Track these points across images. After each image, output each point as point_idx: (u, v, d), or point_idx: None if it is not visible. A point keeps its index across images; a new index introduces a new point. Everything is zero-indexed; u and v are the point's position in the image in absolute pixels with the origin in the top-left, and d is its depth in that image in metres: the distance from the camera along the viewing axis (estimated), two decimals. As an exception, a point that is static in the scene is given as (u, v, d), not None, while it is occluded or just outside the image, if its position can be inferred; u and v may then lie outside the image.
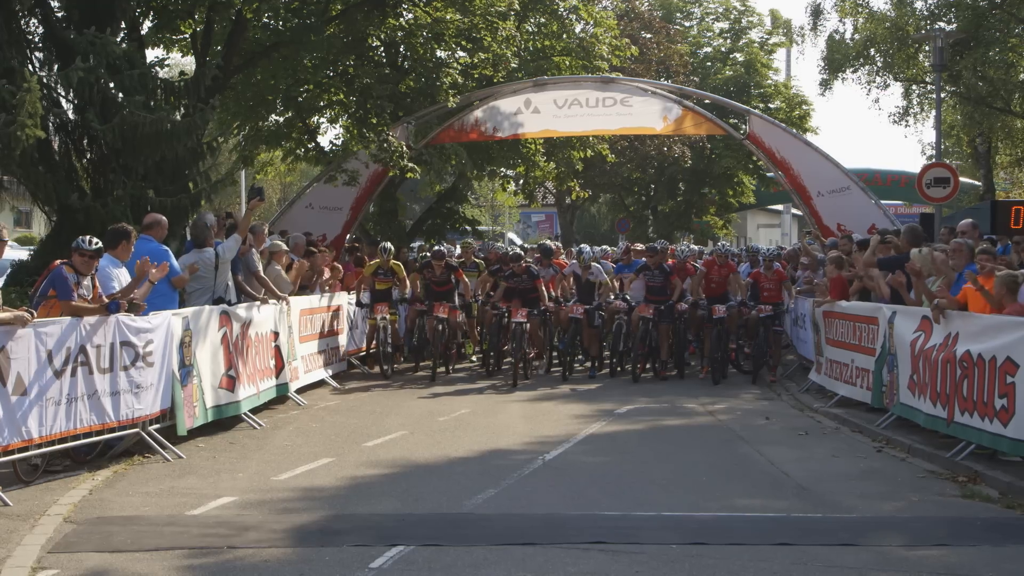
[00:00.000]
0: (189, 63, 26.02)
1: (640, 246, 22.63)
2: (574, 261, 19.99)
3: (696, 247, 23.44)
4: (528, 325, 17.72)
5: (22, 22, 16.30)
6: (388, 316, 18.06)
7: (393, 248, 19.00)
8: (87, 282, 10.40)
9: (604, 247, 22.85)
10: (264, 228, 15.41)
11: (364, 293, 18.63)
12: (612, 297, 19.06)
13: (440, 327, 17.89)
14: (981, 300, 10.91)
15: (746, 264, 21.40)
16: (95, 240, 10.51)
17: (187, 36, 20.82)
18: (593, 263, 19.20)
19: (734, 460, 11.31)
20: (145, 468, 10.66)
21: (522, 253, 19.58)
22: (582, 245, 22.00)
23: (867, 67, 33.42)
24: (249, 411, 13.24)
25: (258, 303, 13.94)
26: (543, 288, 18.19)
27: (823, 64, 34.31)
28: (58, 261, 10.41)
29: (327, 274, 17.81)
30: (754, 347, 18.28)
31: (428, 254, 19.69)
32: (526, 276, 18.10)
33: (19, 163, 14.46)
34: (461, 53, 25.33)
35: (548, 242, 21.17)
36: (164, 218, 12.76)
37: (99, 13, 15.96)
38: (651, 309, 17.83)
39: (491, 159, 28.84)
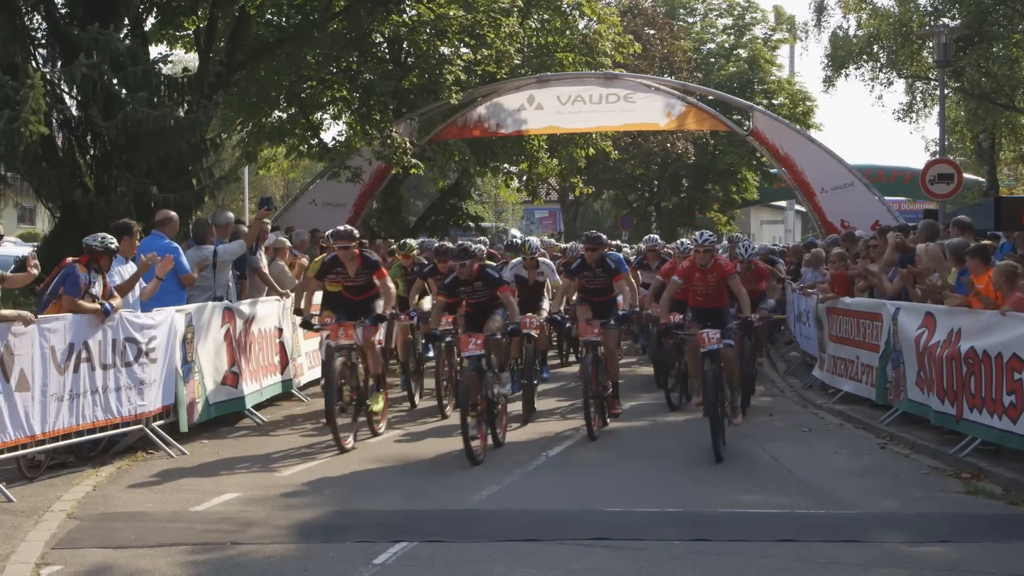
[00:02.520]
0: (192, 59, 26.06)
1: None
2: (515, 261, 15.09)
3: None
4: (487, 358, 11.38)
5: (26, 19, 16.31)
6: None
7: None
8: (99, 280, 10.39)
9: (616, 242, 21.71)
10: (267, 225, 15.39)
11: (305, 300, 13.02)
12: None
13: (352, 361, 11.72)
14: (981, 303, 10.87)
15: (724, 256, 19.02)
16: (112, 238, 10.54)
17: (190, 32, 20.87)
18: (541, 259, 14.88)
19: (737, 456, 11.29)
20: (148, 464, 10.67)
21: (472, 247, 13.10)
22: (529, 237, 17.44)
23: (870, 63, 33.42)
24: (252, 407, 13.24)
25: (261, 299, 13.94)
26: (512, 299, 12.05)
27: (826, 60, 34.33)
28: (69, 259, 10.39)
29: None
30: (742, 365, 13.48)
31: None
32: (481, 284, 11.88)
33: (23, 159, 14.47)
34: (464, 50, 25.35)
35: (469, 242, 15.52)
36: (176, 215, 12.77)
37: (103, 9, 15.96)
38: (596, 328, 12.36)
39: (494, 155, 28.90)
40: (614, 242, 22.24)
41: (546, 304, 14.34)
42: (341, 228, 12.52)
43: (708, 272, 11.90)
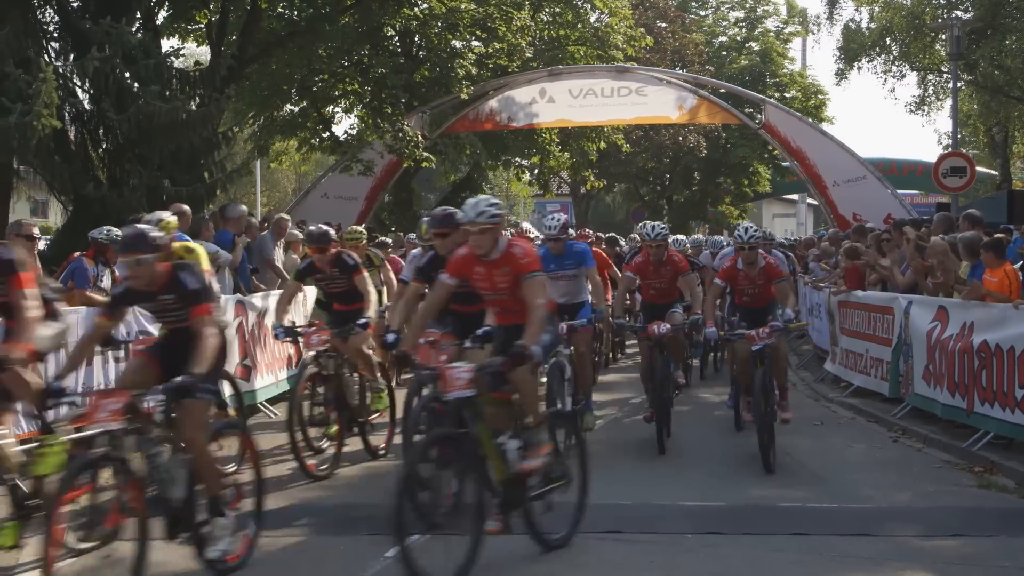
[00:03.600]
0: (204, 53, 26.07)
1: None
2: (414, 252, 11.80)
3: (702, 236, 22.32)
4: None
5: (38, 12, 16.36)
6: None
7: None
8: (107, 273, 10.44)
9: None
10: (287, 221, 15.42)
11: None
12: None
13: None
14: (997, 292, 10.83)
15: (729, 248, 15.22)
16: (116, 231, 10.58)
17: (202, 26, 20.92)
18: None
19: (748, 449, 11.26)
20: (161, 457, 10.67)
21: (329, 231, 9.86)
22: (425, 219, 11.88)
23: (883, 56, 33.34)
24: (266, 400, 13.25)
25: (273, 292, 13.94)
26: (366, 285, 9.73)
27: (839, 53, 34.26)
28: (77, 253, 10.45)
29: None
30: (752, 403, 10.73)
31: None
32: (339, 272, 9.50)
33: (35, 153, 14.51)
34: (476, 43, 25.36)
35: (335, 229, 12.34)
36: (188, 208, 12.77)
37: (115, 3, 15.99)
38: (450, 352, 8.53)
39: (506, 149, 28.92)
40: (608, 235, 19.55)
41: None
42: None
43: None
